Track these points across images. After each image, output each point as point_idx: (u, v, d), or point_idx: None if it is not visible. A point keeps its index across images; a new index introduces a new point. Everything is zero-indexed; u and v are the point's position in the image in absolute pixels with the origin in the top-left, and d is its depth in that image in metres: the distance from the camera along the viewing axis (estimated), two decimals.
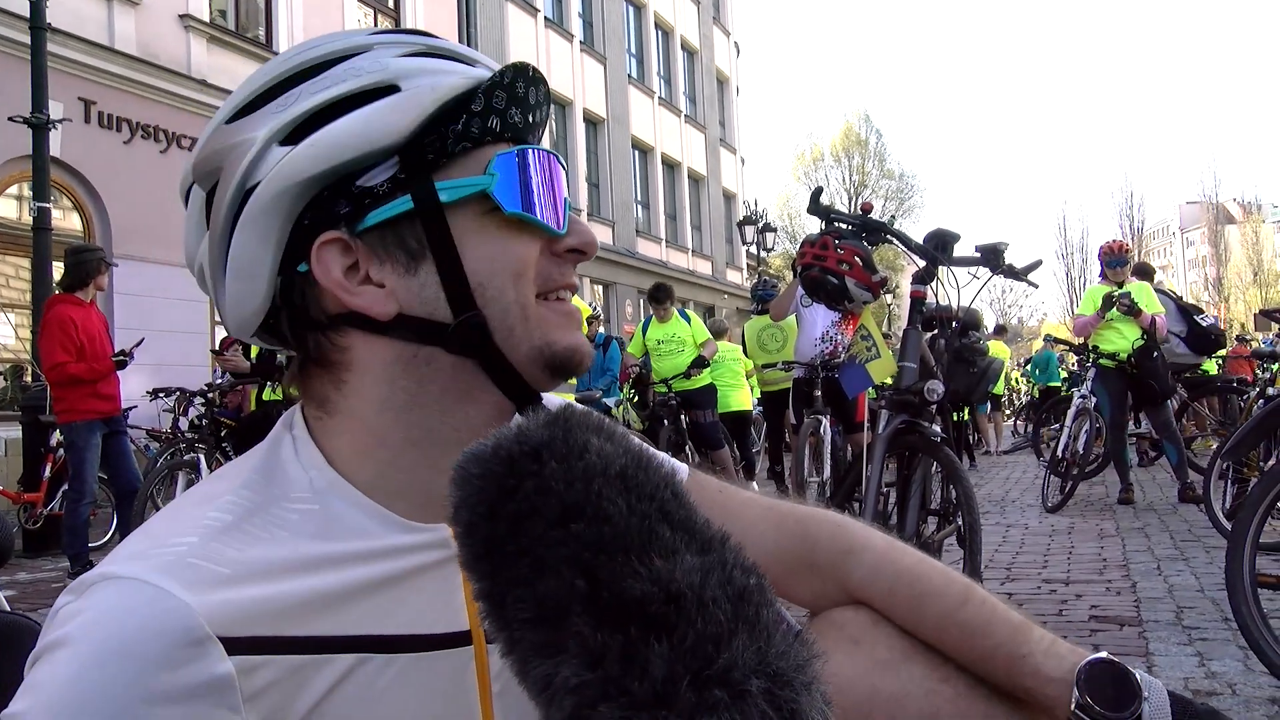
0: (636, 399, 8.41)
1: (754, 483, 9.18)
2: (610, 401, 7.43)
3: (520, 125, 0.72)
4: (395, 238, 0.69)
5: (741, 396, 9.47)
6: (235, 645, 0.59)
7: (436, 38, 0.75)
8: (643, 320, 8.40)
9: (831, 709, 0.47)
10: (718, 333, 9.84)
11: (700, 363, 8.01)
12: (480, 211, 0.69)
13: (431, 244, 0.68)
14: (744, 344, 8.73)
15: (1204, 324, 7.70)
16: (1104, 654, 0.71)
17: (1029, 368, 15.98)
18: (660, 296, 8.28)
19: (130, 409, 6.22)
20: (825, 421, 6.50)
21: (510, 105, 0.71)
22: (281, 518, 0.66)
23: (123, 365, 5.61)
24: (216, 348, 8.00)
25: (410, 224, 0.68)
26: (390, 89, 0.68)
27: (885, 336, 3.76)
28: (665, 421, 8.14)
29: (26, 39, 7.53)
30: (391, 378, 0.70)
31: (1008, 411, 13.15)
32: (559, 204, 0.73)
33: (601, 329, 7.98)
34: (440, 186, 0.68)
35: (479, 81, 0.70)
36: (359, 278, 0.69)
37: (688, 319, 8.31)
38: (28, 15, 7.34)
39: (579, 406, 0.55)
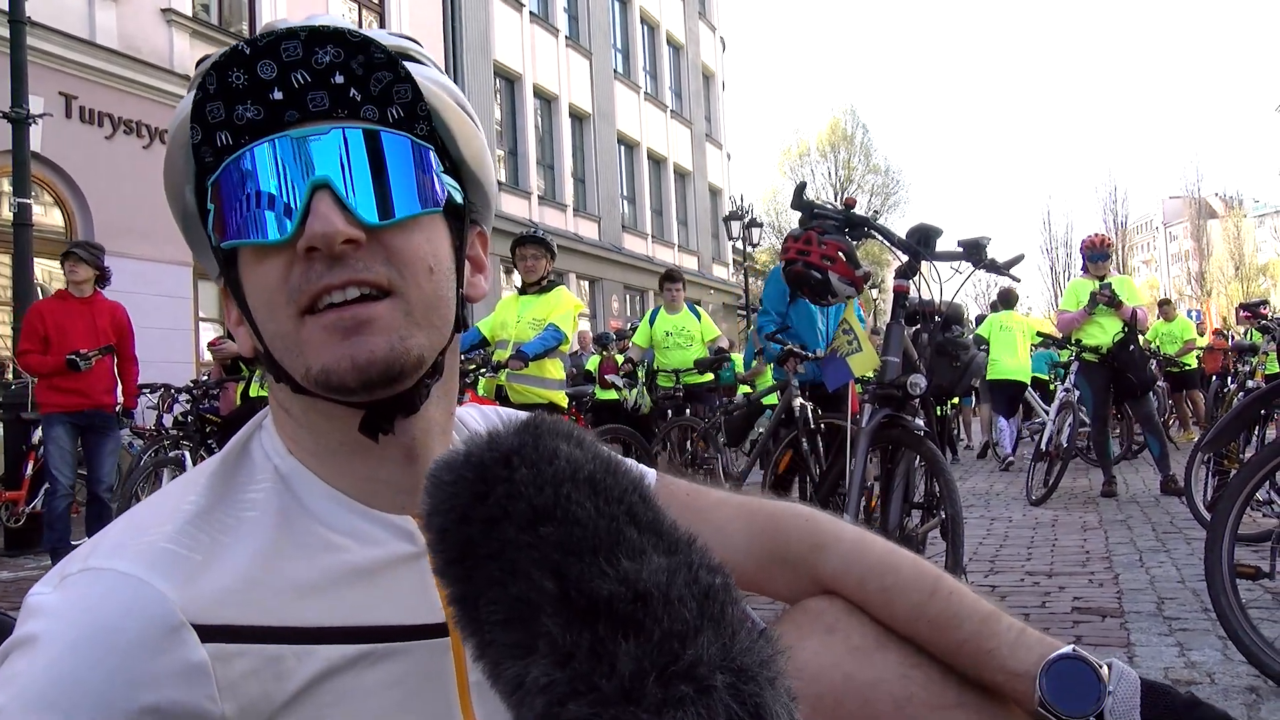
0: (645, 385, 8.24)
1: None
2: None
3: (252, 120, 0.65)
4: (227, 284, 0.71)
5: None
6: (209, 633, 0.59)
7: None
8: (649, 312, 8.13)
9: (797, 704, 0.48)
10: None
11: (721, 363, 7.73)
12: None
13: (232, 288, 0.70)
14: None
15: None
16: (1070, 648, 0.71)
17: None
18: (672, 277, 7.90)
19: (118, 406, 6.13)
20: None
21: (232, 107, 0.65)
22: (249, 500, 0.67)
23: (74, 367, 5.45)
24: (209, 343, 8.00)
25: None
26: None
27: (874, 333, 3.78)
28: (669, 413, 8.04)
29: (5, 33, 7.45)
30: (287, 397, 0.71)
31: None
32: (288, 198, 0.65)
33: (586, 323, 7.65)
34: (209, 232, 0.70)
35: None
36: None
37: (697, 315, 8.09)
38: (6, 8, 7.26)
39: (547, 416, 0.56)
